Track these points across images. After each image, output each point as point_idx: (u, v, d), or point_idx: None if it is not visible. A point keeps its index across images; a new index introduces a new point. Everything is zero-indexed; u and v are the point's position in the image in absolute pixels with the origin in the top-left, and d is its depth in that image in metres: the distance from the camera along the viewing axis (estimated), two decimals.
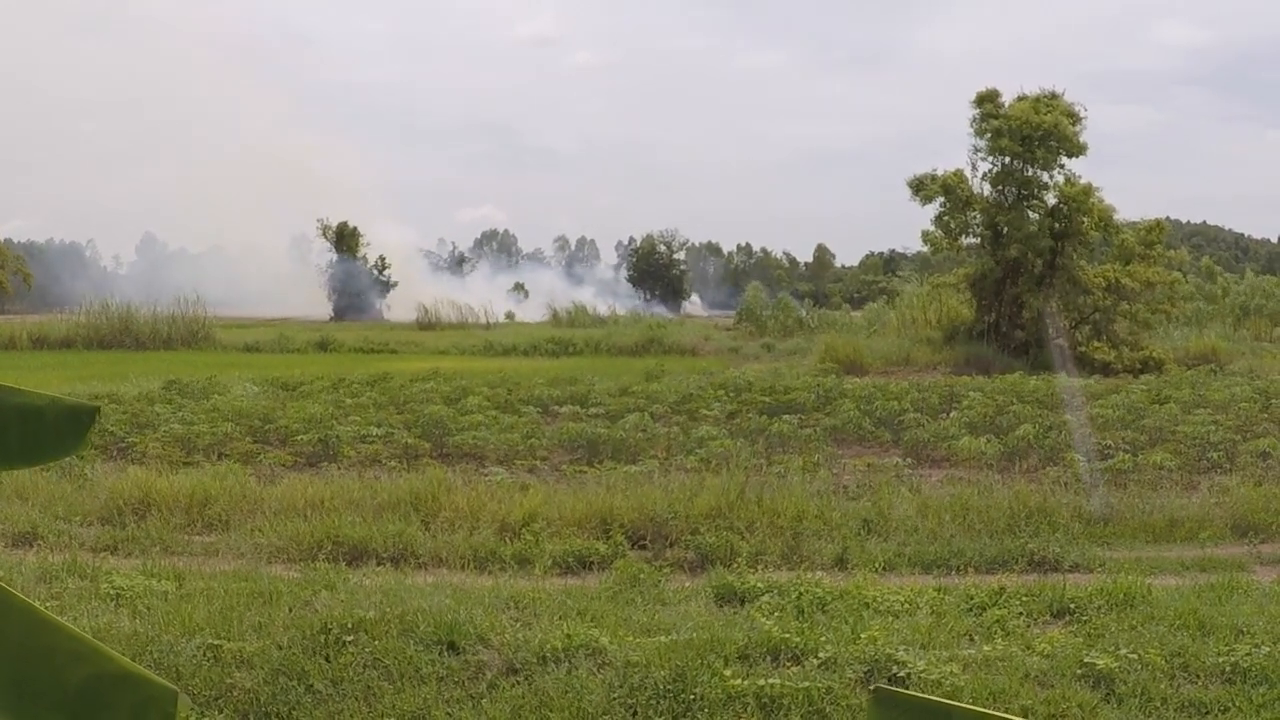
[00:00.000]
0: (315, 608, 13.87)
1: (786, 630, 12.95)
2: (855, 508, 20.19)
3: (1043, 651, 12.64)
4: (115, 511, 20.31)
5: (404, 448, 26.92)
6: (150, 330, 77.12)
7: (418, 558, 17.82)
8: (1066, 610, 14.79)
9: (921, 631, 13.41)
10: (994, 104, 58.08)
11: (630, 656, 12.11)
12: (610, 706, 11.29)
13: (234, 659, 12.18)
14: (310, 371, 48.50)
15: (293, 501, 20.32)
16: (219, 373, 45.67)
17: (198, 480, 21.64)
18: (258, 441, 28.50)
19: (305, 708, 11.36)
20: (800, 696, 11.24)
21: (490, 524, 19.07)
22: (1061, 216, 56.72)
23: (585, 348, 72.49)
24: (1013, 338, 57.23)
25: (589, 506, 19.65)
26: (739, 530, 18.50)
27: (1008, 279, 57.42)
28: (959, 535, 18.82)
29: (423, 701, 11.45)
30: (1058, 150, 56.86)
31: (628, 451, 26.69)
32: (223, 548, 18.43)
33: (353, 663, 12.17)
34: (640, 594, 15.42)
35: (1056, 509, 19.99)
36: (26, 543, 18.84)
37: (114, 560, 17.61)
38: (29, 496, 21.14)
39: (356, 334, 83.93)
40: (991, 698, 11.39)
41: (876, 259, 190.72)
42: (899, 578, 16.71)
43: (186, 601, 14.27)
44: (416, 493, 20.51)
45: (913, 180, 58.63)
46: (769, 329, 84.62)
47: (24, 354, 68.19)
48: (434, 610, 13.44)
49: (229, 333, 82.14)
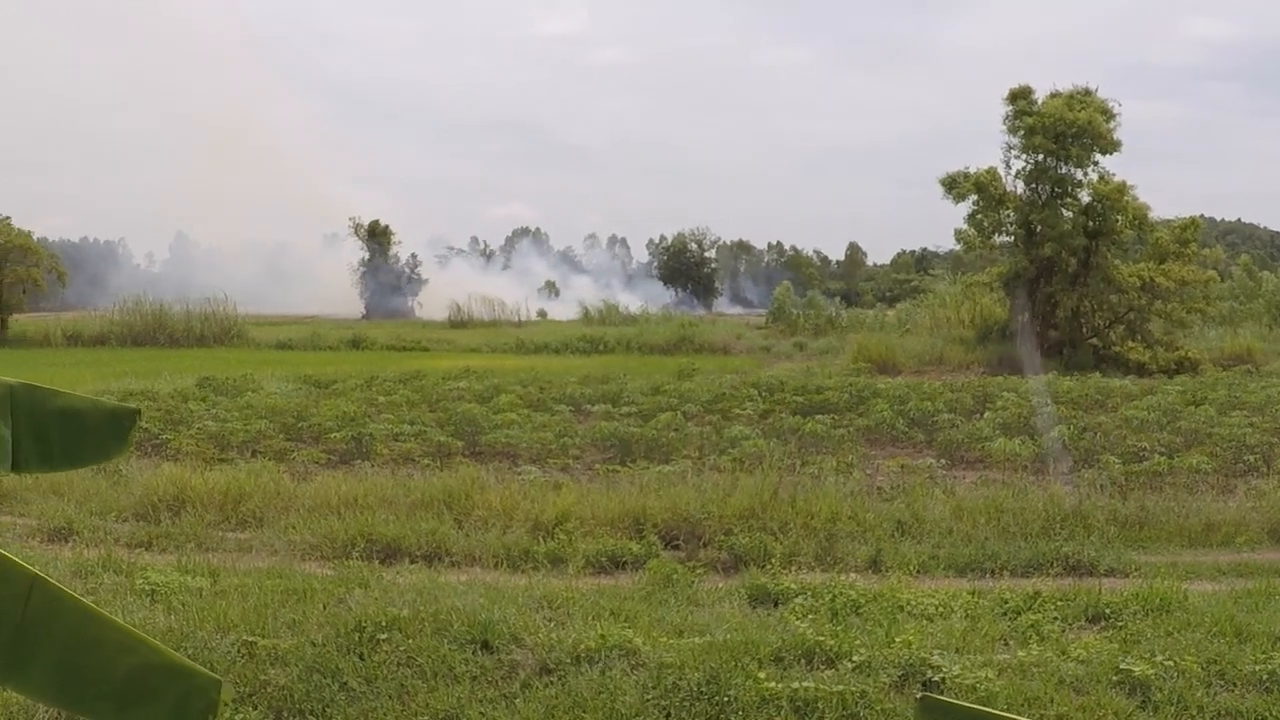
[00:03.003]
0: (349, 605, 13.87)
1: (820, 633, 12.90)
2: (889, 509, 20.13)
3: (1078, 657, 12.56)
4: (150, 508, 20.38)
5: (437, 446, 26.95)
6: (183, 327, 77.39)
7: (451, 556, 17.83)
8: (1102, 615, 14.72)
9: (956, 635, 13.35)
10: (1027, 101, 57.83)
11: (664, 658, 12.08)
12: (644, 708, 11.26)
13: (268, 656, 12.19)
14: (343, 369, 48.66)
15: (326, 499, 20.35)
16: (252, 370, 45.75)
17: (232, 477, 21.69)
18: (291, 439, 28.56)
19: (339, 705, 11.35)
20: (834, 700, 11.20)
21: (523, 523, 19.08)
22: (1095, 214, 56.45)
23: (617, 346, 72.46)
24: (1046, 337, 56.98)
25: (622, 506, 19.64)
26: (772, 531, 18.46)
27: (1041, 278, 57.14)
28: (993, 538, 18.73)
29: (456, 700, 11.44)
30: (1091, 147, 56.55)
31: (660, 451, 26.67)
32: (257, 544, 18.48)
33: (386, 661, 12.16)
34: (674, 594, 15.40)
35: (1092, 512, 19.88)
36: (62, 538, 18.92)
37: (149, 556, 17.67)
38: (65, 492, 21.22)
39: (388, 332, 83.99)
40: (1026, 704, 11.33)
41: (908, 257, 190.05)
42: (933, 580, 16.66)
43: (221, 598, 14.29)
44: (449, 491, 20.53)
45: (945, 178, 58.43)
46: (801, 328, 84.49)
47: (58, 351, 68.42)
48: (467, 609, 13.43)
49: (261, 330, 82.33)
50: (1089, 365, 51.35)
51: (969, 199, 57.89)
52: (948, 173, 58.50)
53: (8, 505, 20.96)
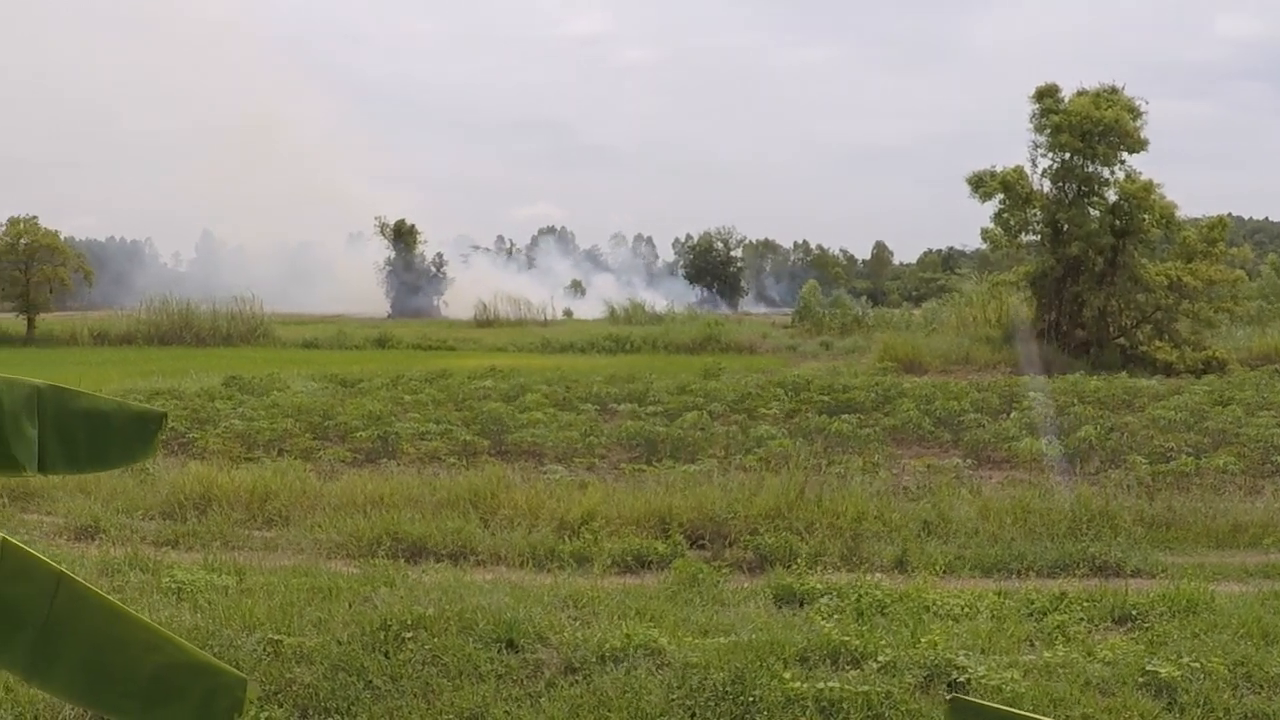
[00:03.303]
0: (374, 604, 13.89)
1: (846, 633, 12.88)
2: (915, 509, 20.08)
3: (1104, 659, 12.51)
4: (176, 506, 20.43)
5: (463, 445, 26.98)
6: (210, 326, 77.65)
7: (476, 555, 17.84)
8: (1128, 617, 14.66)
9: (982, 636, 13.31)
10: (1054, 99, 57.70)
11: (689, 657, 12.07)
12: (669, 707, 11.25)
13: (294, 654, 12.20)
14: (369, 368, 48.74)
15: (352, 497, 20.38)
16: (278, 369, 45.91)
17: (258, 476, 21.73)
18: (317, 438, 28.63)
19: (364, 703, 11.36)
20: (859, 700, 11.17)
21: (549, 522, 19.08)
22: (1122, 213, 56.30)
23: (643, 345, 72.50)
24: (1073, 337, 56.89)
25: (648, 505, 19.63)
26: (798, 531, 18.44)
27: (1068, 277, 57.02)
28: (1020, 538, 18.67)
29: (481, 699, 11.44)
30: (1118, 146, 56.43)
31: (686, 450, 26.66)
32: (283, 543, 18.52)
33: (412, 659, 12.17)
34: (699, 594, 15.40)
35: (1119, 513, 19.81)
36: (89, 536, 18.97)
37: (175, 554, 17.72)
38: (92, 491, 21.29)
39: (414, 331, 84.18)
40: (1052, 705, 11.30)
41: (935, 256, 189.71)
42: (959, 581, 16.62)
43: (247, 596, 14.31)
44: (475, 490, 20.54)
45: (972, 177, 58.32)
46: (827, 327, 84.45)
47: (85, 350, 68.67)
48: (493, 608, 13.44)
49: (288, 329, 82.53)
50: (1116, 365, 51.20)
51: (995, 198, 57.82)
52: (974, 171, 58.49)
53: (35, 503, 21.02)
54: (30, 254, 79.85)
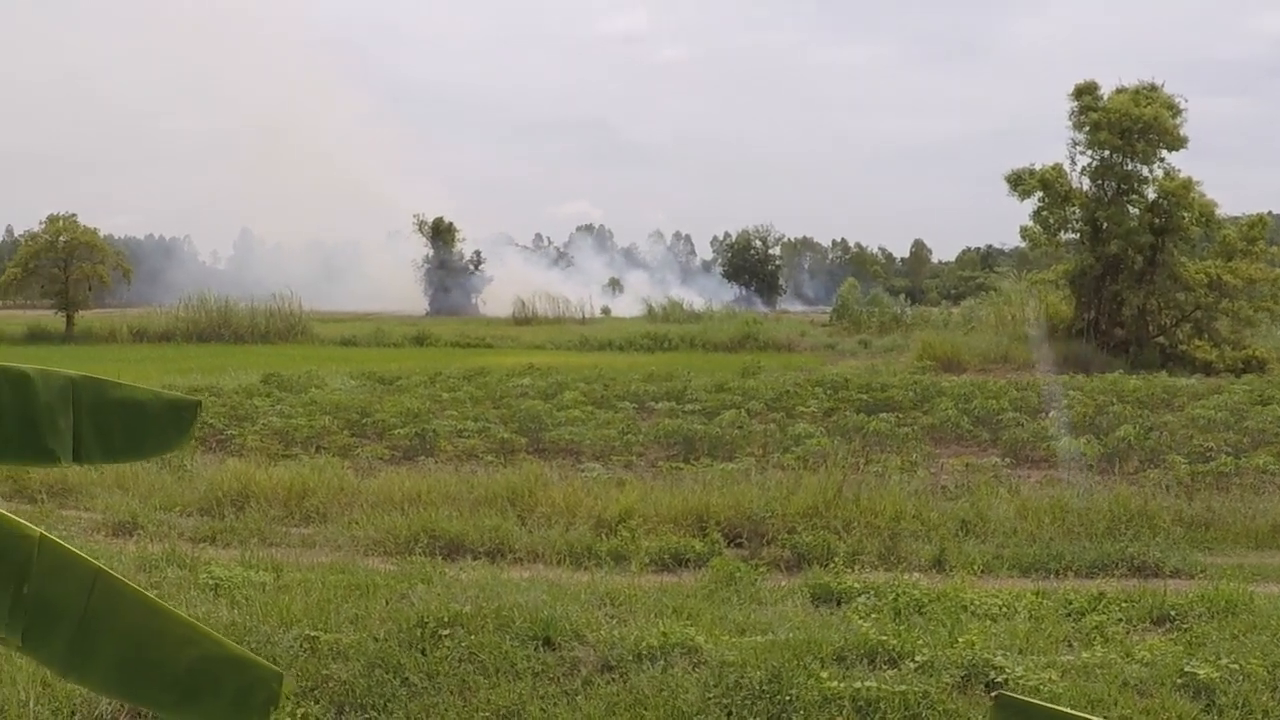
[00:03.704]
0: (411, 601, 13.88)
1: (883, 632, 12.81)
2: (953, 508, 20.00)
3: (1142, 659, 12.42)
4: (214, 503, 20.49)
5: (500, 442, 26.99)
6: (248, 324, 78.10)
7: (514, 552, 17.84)
8: (1167, 617, 14.57)
9: (1019, 636, 13.23)
10: (1093, 96, 57.54)
11: (726, 656, 12.03)
12: (705, 706, 11.21)
13: (330, 650, 12.20)
14: (407, 366, 48.89)
15: (389, 495, 20.41)
16: (316, 366, 46.07)
17: (296, 473, 21.79)
18: (355, 435, 28.72)
19: (400, 700, 11.36)
20: (896, 700, 11.12)
21: (586, 520, 19.07)
22: (1162, 211, 56.10)
23: (681, 343, 72.56)
24: (1112, 335, 56.72)
25: (685, 503, 19.60)
26: (836, 530, 18.39)
27: (1107, 275, 56.85)
28: (1058, 538, 18.58)
29: (518, 697, 11.42)
30: (1157, 143, 56.25)
31: (724, 449, 26.66)
32: (320, 540, 18.54)
33: (448, 656, 12.15)
34: (736, 593, 15.36)
35: (1158, 513, 19.70)
36: (127, 532, 19.02)
37: (213, 551, 17.75)
38: (130, 487, 21.38)
39: (452, 328, 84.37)
40: (1089, 706, 11.21)
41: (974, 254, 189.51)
42: (997, 580, 16.53)
43: (284, 592, 14.32)
44: (513, 488, 20.54)
45: (1011, 175, 58.19)
46: (865, 325, 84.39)
47: (124, 347, 69.10)
48: (530, 605, 13.42)
49: (325, 327, 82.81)
50: (1155, 364, 51.05)
51: (1035, 195, 57.70)
52: (1013, 169, 58.35)
53: (73, 499, 21.10)
54: (69, 252, 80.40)
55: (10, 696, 11.01)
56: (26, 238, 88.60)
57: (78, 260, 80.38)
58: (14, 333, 77.39)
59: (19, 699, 10.96)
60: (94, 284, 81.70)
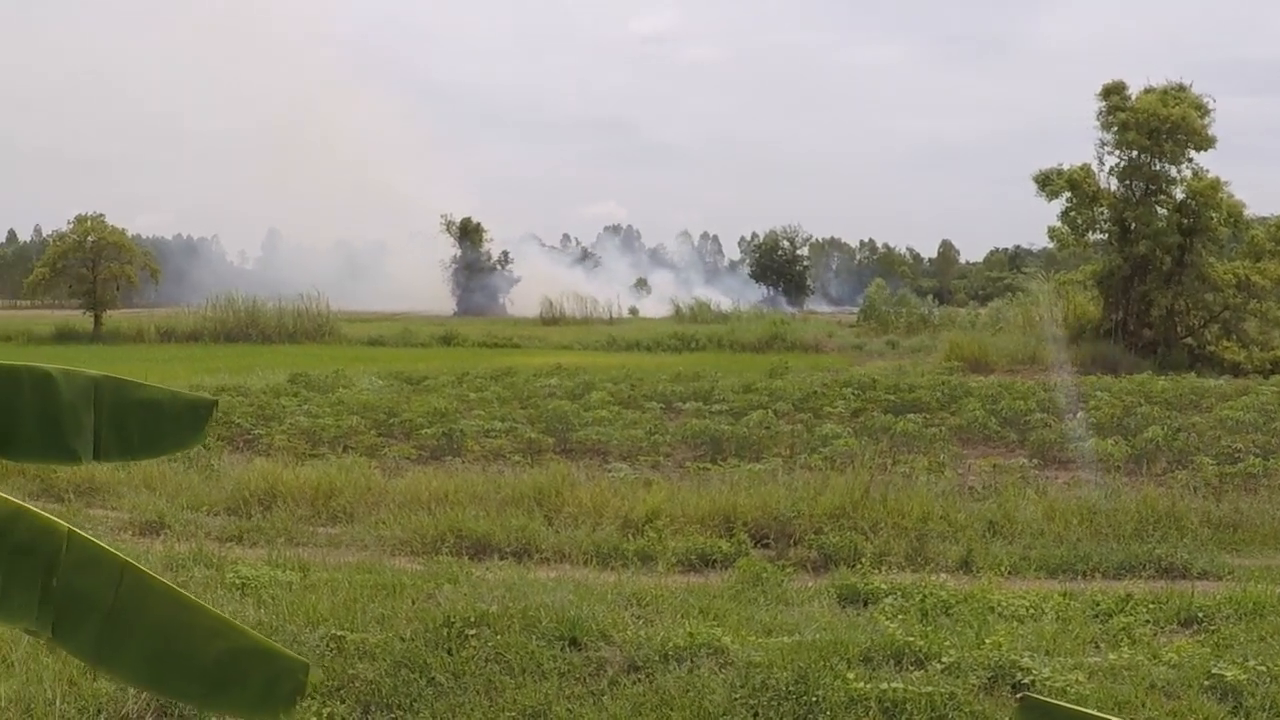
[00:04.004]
0: (438, 601, 13.89)
1: (910, 633, 12.78)
2: (980, 509, 19.94)
3: (1169, 661, 12.37)
4: (241, 502, 20.53)
5: (527, 442, 27.00)
6: (275, 324, 78.29)
7: (540, 552, 17.83)
8: (1194, 619, 14.51)
9: (1046, 638, 13.19)
10: (1120, 96, 57.42)
11: (752, 657, 12.01)
12: (732, 707, 11.19)
13: (357, 650, 12.21)
14: (434, 366, 48.97)
15: (416, 494, 20.42)
16: (344, 366, 46.13)
17: (323, 472, 21.82)
18: (382, 435, 28.75)
19: (427, 700, 11.35)
20: (923, 701, 11.09)
21: (613, 520, 19.06)
22: (1190, 212, 55.95)
23: (708, 343, 72.56)
24: (1140, 336, 56.58)
25: (712, 504, 19.59)
26: (863, 530, 18.37)
27: (1135, 276, 56.73)
28: (1085, 539, 18.52)
29: (544, 697, 11.41)
30: (1185, 143, 56.12)
31: (751, 449, 26.60)
32: (347, 539, 18.56)
33: (474, 656, 12.16)
34: (763, 593, 15.34)
35: (1185, 514, 19.63)
36: (154, 531, 19.06)
37: (239, 550, 17.79)
38: (157, 487, 21.43)
39: (480, 328, 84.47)
40: (1116, 707, 11.17)
41: (1001, 255, 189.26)
42: (1024, 582, 16.48)
43: (311, 592, 14.34)
44: (540, 488, 20.54)
45: (1039, 175, 58.07)
46: (893, 326, 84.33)
47: (152, 347, 69.33)
48: (556, 605, 13.41)
49: (353, 327, 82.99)
50: (1184, 365, 50.92)
51: (1063, 196, 57.57)
52: (1041, 169, 58.21)
53: (100, 499, 21.15)
54: (97, 252, 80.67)
55: (37, 694, 11.04)
56: (55, 238, 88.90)
57: (106, 260, 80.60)
58: (42, 333, 77.70)
59: (45, 697, 10.99)
60: (122, 284, 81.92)
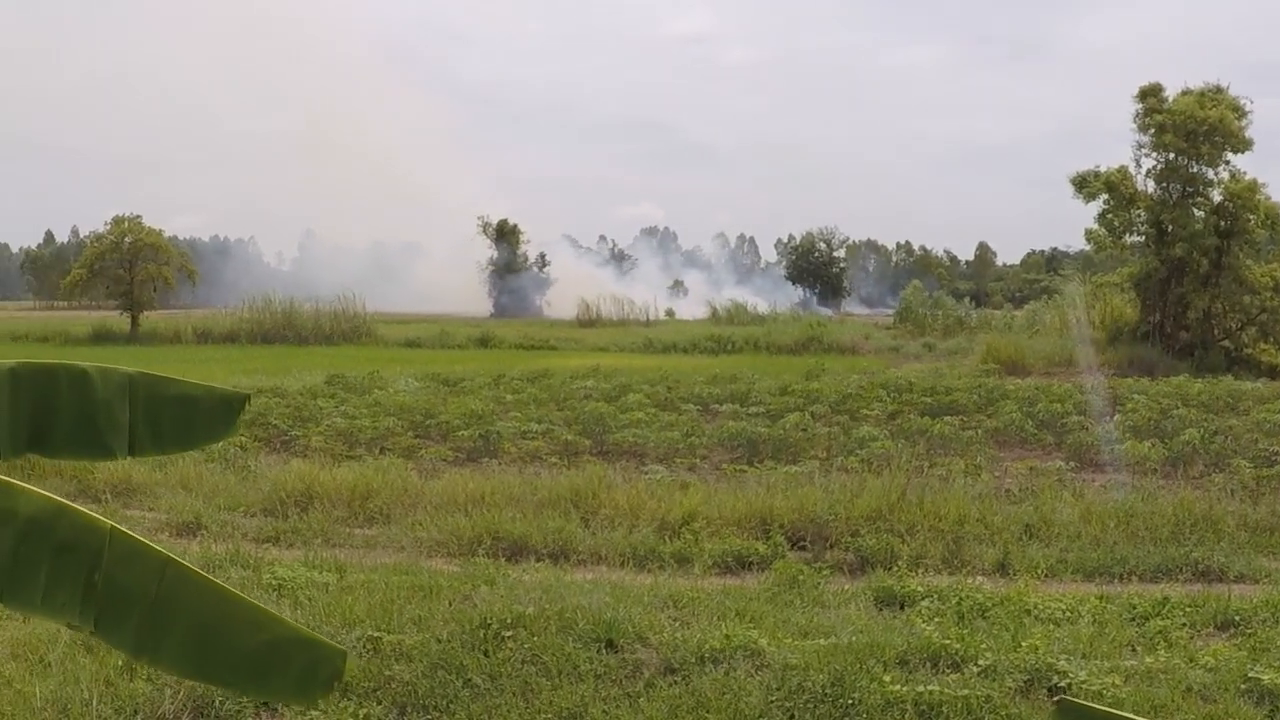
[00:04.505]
0: (474, 602, 13.91)
1: (946, 636, 12.76)
2: (1017, 512, 19.89)
3: (1206, 665, 12.33)
4: (278, 503, 20.58)
5: (564, 444, 27.03)
6: (312, 325, 78.46)
7: (577, 554, 17.85)
8: (1231, 622, 14.46)
9: (1083, 641, 13.15)
10: (1157, 98, 57.14)
11: (789, 659, 12.00)
12: (768, 709, 11.19)
13: (393, 651, 12.23)
14: (471, 367, 49.00)
15: (453, 496, 20.45)
16: (380, 368, 46.18)
17: (359, 474, 21.85)
18: (419, 436, 28.79)
19: (463, 701, 11.37)
20: (959, 704, 11.07)
21: (650, 522, 19.05)
22: (1227, 214, 55.70)
23: (745, 345, 72.51)
24: (1177, 339, 56.36)
25: (749, 506, 19.57)
26: (899, 533, 18.33)
27: (1172, 278, 56.48)
28: (1122, 542, 18.44)
29: (580, 699, 11.42)
30: (1223, 145, 55.83)
31: (788, 451, 26.57)
32: (383, 541, 18.59)
33: (511, 658, 12.17)
34: (799, 596, 15.31)
35: (1222, 517, 19.55)
36: (191, 532, 19.13)
37: (276, 551, 17.84)
38: (194, 487, 21.50)
39: (517, 330, 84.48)
40: (1153, 711, 11.14)
41: (1038, 257, 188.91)
42: (1061, 585, 16.45)
43: (347, 593, 14.37)
44: (576, 490, 20.55)
45: (1076, 177, 57.88)
46: (929, 328, 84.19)
47: (188, 348, 69.60)
48: (593, 607, 13.42)
49: (390, 328, 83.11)
50: (1220, 367, 50.73)
51: (1099, 198, 57.33)
52: (1078, 171, 58.02)
53: (137, 499, 21.23)
54: (134, 253, 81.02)
55: (74, 695, 11.09)
56: (92, 239, 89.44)
57: (143, 261, 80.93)
58: (79, 334, 78.03)
59: (82, 697, 11.04)
60: (159, 285, 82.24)
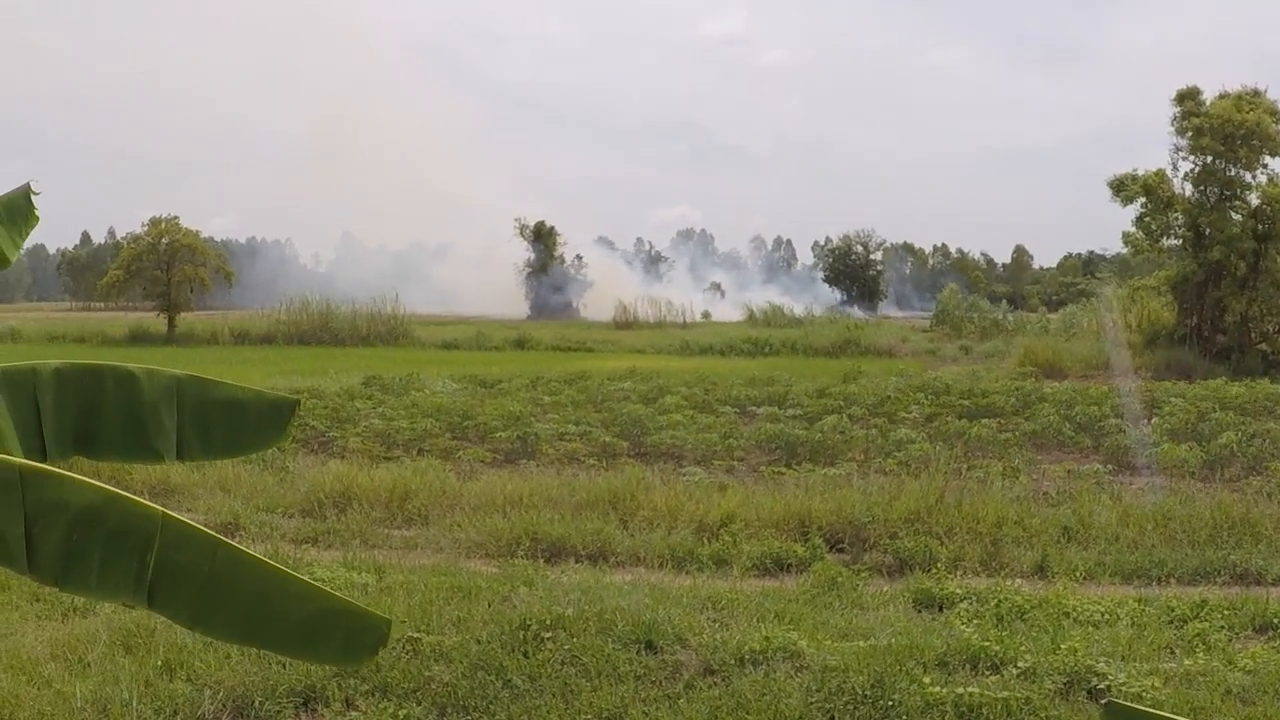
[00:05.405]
0: (514, 603, 13.93)
1: (985, 638, 12.75)
2: (1055, 514, 19.85)
3: (1245, 667, 12.31)
4: (316, 504, 20.63)
5: (602, 446, 27.07)
6: (350, 327, 78.65)
7: (615, 556, 17.87)
8: (1269, 625, 14.41)
9: (1122, 643, 13.13)
10: (1195, 102, 56.92)
11: (828, 660, 12.00)
12: (808, 710, 11.19)
13: (433, 652, 12.26)
14: (508, 369, 49.05)
15: (491, 498, 20.47)
16: (418, 369, 46.24)
17: (398, 475, 21.89)
18: (457, 438, 28.82)
19: (503, 703, 11.39)
20: (999, 706, 11.06)
21: (688, 524, 19.06)
22: (1265, 218, 55.37)
23: (782, 348, 72.43)
24: (1214, 342, 56.13)
25: (787, 508, 19.56)
26: (937, 535, 18.31)
27: (1209, 282, 56.21)
28: (1160, 545, 18.39)
29: (620, 700, 11.43)
30: (1260, 149, 55.58)
31: (825, 453, 26.54)
32: (422, 542, 18.62)
33: (550, 659, 12.19)
34: (838, 597, 15.31)
35: (1260, 520, 19.47)
36: (229, 533, 19.10)
37: (315, 552, 17.91)
38: (232, 488, 21.56)
39: (554, 332, 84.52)
40: (1192, 713, 11.12)
41: (1075, 260, 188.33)
42: (1099, 587, 16.42)
43: (386, 594, 14.40)
44: (614, 491, 20.55)
45: (1113, 180, 57.68)
46: (966, 331, 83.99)
47: (226, 349, 69.83)
48: (632, 609, 13.43)
49: (427, 330, 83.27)
50: (1258, 370, 50.52)
51: (1137, 201, 57.11)
52: (1115, 175, 57.81)
53: (176, 500, 21.27)
54: (171, 254, 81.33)
55: (114, 695, 11.14)
56: (129, 240, 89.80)
57: (180, 262, 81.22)
58: (116, 334, 78.50)
59: (122, 698, 11.10)
60: (195, 286, 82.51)
